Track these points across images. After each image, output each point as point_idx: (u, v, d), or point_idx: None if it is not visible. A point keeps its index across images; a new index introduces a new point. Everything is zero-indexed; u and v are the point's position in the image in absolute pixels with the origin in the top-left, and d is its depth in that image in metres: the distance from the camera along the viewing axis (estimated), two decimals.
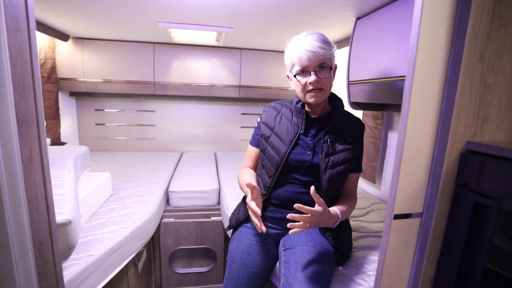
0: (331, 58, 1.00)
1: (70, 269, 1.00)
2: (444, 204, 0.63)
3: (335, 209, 1.01)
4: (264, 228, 0.99)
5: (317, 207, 0.91)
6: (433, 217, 0.63)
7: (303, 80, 1.01)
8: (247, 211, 1.18)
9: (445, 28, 0.56)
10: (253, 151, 1.24)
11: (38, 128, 0.62)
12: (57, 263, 0.70)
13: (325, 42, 0.98)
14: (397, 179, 0.62)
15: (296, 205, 0.89)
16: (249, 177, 1.18)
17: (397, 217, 0.64)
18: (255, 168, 1.26)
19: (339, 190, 1.13)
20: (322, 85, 1.00)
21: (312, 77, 0.98)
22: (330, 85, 1.03)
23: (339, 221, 1.00)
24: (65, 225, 0.92)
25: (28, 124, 0.59)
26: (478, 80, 0.57)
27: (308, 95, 1.02)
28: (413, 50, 0.57)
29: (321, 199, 0.93)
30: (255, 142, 1.23)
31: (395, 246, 0.66)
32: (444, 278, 0.65)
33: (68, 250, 0.97)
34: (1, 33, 0.50)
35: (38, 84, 0.62)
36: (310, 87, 1.00)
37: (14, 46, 0.55)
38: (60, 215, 0.91)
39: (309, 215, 0.89)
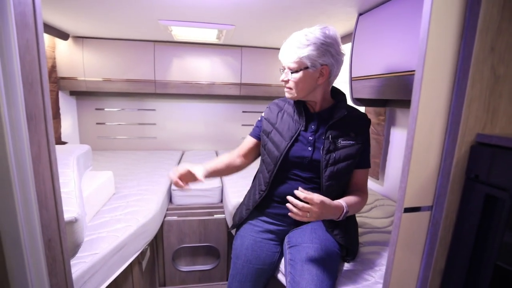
0: (303, 61, 0.98)
1: (76, 267, 0.99)
2: (455, 197, 0.63)
3: (340, 201, 0.99)
4: (181, 183, 1.06)
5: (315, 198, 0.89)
6: (443, 210, 0.63)
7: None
8: (250, 209, 1.18)
9: (455, 19, 0.56)
10: (248, 139, 1.28)
11: (46, 125, 0.62)
12: (66, 260, 0.69)
13: (300, 45, 0.97)
14: (407, 173, 0.62)
15: (288, 197, 0.89)
16: (222, 159, 1.25)
17: (406, 210, 0.64)
18: (242, 156, 1.28)
19: (342, 187, 1.11)
20: (291, 85, 1.04)
21: (282, 75, 1.06)
22: (300, 87, 1.03)
23: (345, 213, 0.97)
24: (72, 223, 0.91)
25: (36, 120, 0.58)
26: (489, 72, 0.57)
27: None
28: (423, 42, 0.57)
29: (316, 194, 0.91)
30: (253, 133, 1.27)
31: (404, 240, 0.66)
32: (454, 270, 0.65)
33: (75, 248, 0.96)
34: (11, 29, 0.50)
35: (46, 80, 0.61)
36: (283, 82, 1.06)
37: (22, 42, 0.55)
38: (67, 213, 0.90)
39: (307, 205, 0.88)
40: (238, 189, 1.84)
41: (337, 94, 1.13)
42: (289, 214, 0.90)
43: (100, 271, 1.10)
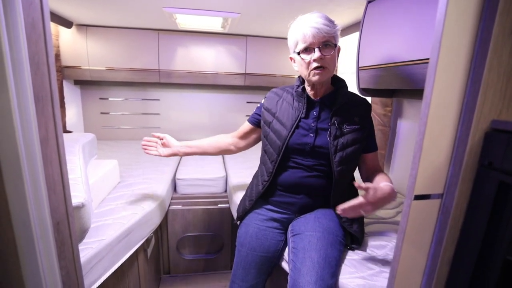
0: (335, 36, 0.99)
1: (83, 253, 1.00)
2: (466, 185, 0.62)
3: (385, 183, 0.94)
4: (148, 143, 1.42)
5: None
6: (454, 198, 0.62)
7: (307, 57, 1.00)
8: (253, 199, 1.19)
9: (474, 1, 0.54)
10: (245, 125, 1.33)
11: (53, 107, 0.61)
12: (74, 244, 0.70)
13: (329, 20, 0.98)
14: (418, 160, 0.61)
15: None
16: (208, 142, 1.41)
17: (416, 198, 0.64)
18: (239, 138, 1.37)
19: (351, 172, 1.13)
20: (326, 63, 0.99)
21: (316, 54, 0.97)
22: (334, 65, 1.02)
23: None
24: (79, 208, 0.92)
25: (43, 102, 0.58)
26: (508, 57, 0.55)
27: (312, 73, 1.01)
28: (440, 25, 0.55)
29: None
30: (251, 119, 1.29)
31: (413, 227, 0.66)
32: (463, 260, 0.64)
33: (82, 233, 0.97)
34: (17, 5, 0.48)
35: (52, 61, 0.60)
36: (314, 65, 0.99)
37: (27, 20, 0.53)
38: (74, 198, 0.91)
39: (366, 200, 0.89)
40: (242, 179, 1.84)
41: (338, 81, 1.13)
42: (338, 211, 0.92)
43: (106, 257, 1.11)
